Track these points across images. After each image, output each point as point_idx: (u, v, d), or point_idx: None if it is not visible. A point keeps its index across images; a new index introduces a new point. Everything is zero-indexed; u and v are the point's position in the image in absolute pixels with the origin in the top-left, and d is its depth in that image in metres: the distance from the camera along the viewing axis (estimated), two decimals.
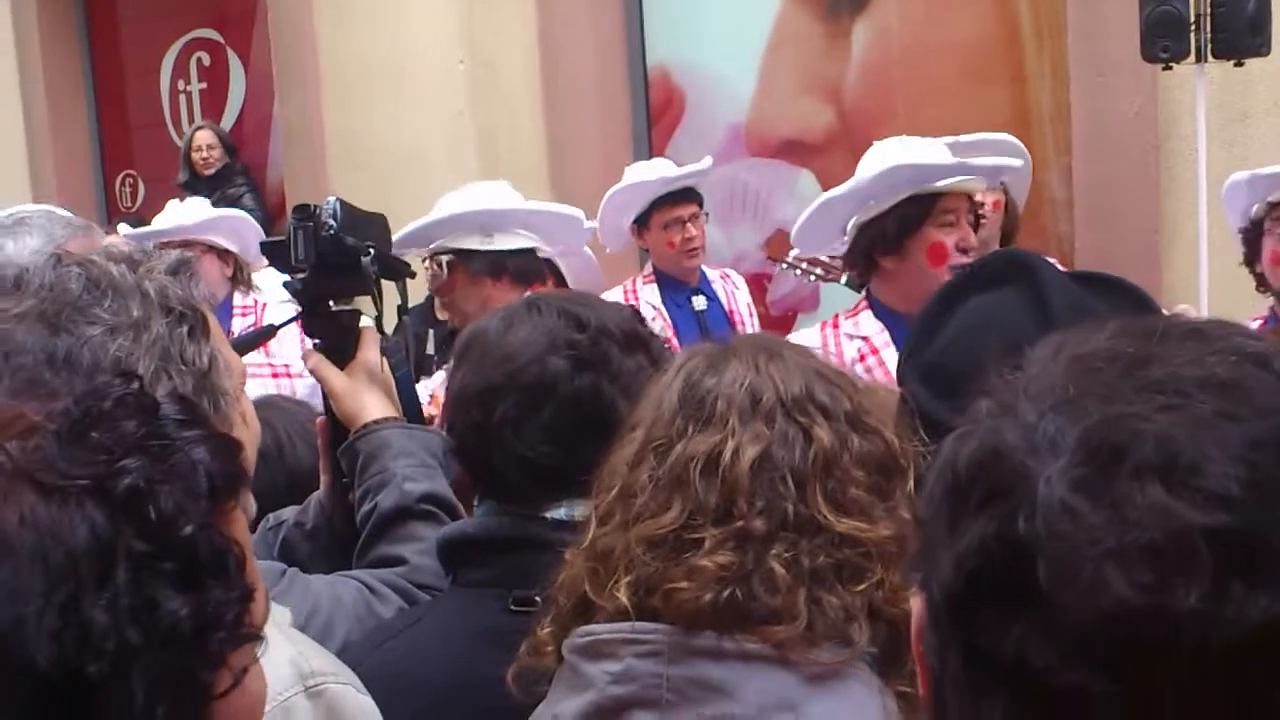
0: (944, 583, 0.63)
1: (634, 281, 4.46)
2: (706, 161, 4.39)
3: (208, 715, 0.77)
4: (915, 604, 0.69)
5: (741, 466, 1.15)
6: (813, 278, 4.30)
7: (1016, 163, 3.28)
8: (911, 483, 1.21)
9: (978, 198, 3.82)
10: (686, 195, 4.27)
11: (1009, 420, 0.64)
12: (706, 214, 4.34)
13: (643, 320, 1.63)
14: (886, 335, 2.83)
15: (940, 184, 2.85)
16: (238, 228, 4.07)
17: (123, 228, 4.75)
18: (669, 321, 4.19)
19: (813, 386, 1.20)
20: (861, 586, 1.14)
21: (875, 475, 1.19)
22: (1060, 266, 1.77)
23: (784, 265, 4.38)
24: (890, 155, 2.99)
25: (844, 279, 4.05)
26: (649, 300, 4.30)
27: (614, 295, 4.39)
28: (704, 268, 4.39)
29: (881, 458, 1.20)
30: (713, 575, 1.13)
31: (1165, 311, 1.55)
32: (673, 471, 1.17)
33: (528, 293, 2.18)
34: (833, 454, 1.17)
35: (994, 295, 1.42)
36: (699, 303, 4.31)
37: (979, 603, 0.61)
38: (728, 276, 4.51)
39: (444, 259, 3.17)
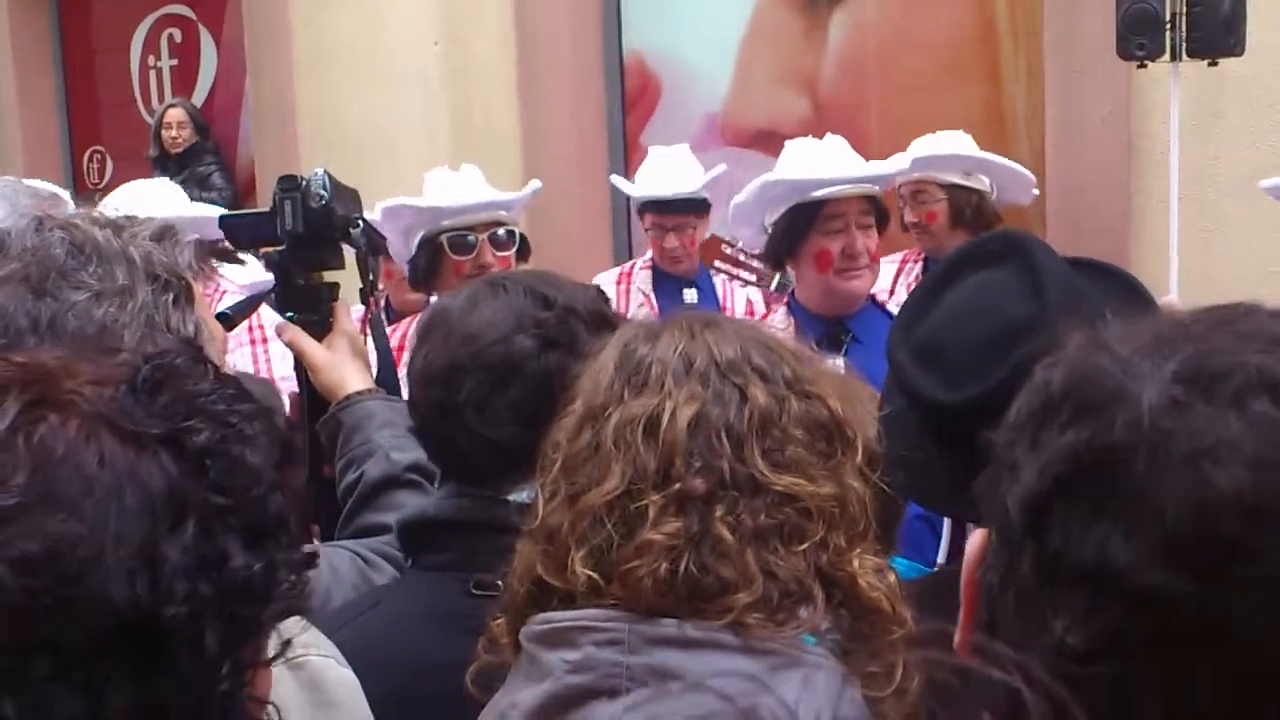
0: (1025, 491, 0.64)
1: (633, 265, 4.46)
2: (717, 169, 4.24)
3: (251, 682, 0.79)
4: (973, 539, 0.71)
5: (679, 426, 1.15)
6: (740, 283, 4.28)
7: (897, 167, 3.28)
8: (861, 455, 1.20)
9: (908, 217, 3.90)
10: (677, 205, 4.21)
11: (1103, 353, 0.66)
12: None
13: (607, 301, 1.62)
14: (792, 329, 2.92)
15: (819, 193, 2.98)
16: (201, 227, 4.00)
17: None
18: (655, 309, 4.18)
19: (749, 350, 1.20)
20: (803, 546, 1.13)
21: (817, 438, 1.18)
22: None
23: (713, 269, 4.36)
24: (782, 161, 3.18)
25: (775, 283, 4.06)
26: (640, 286, 4.30)
27: (610, 276, 4.39)
28: (709, 272, 4.31)
29: (824, 422, 1.19)
30: (663, 547, 1.12)
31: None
32: (612, 437, 1.17)
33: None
34: (769, 413, 1.17)
35: (990, 274, 1.42)
36: (690, 295, 4.26)
37: (1063, 506, 0.63)
38: (729, 293, 4.37)
39: (516, 230, 3.19)
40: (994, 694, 0.62)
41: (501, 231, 3.15)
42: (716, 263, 4.26)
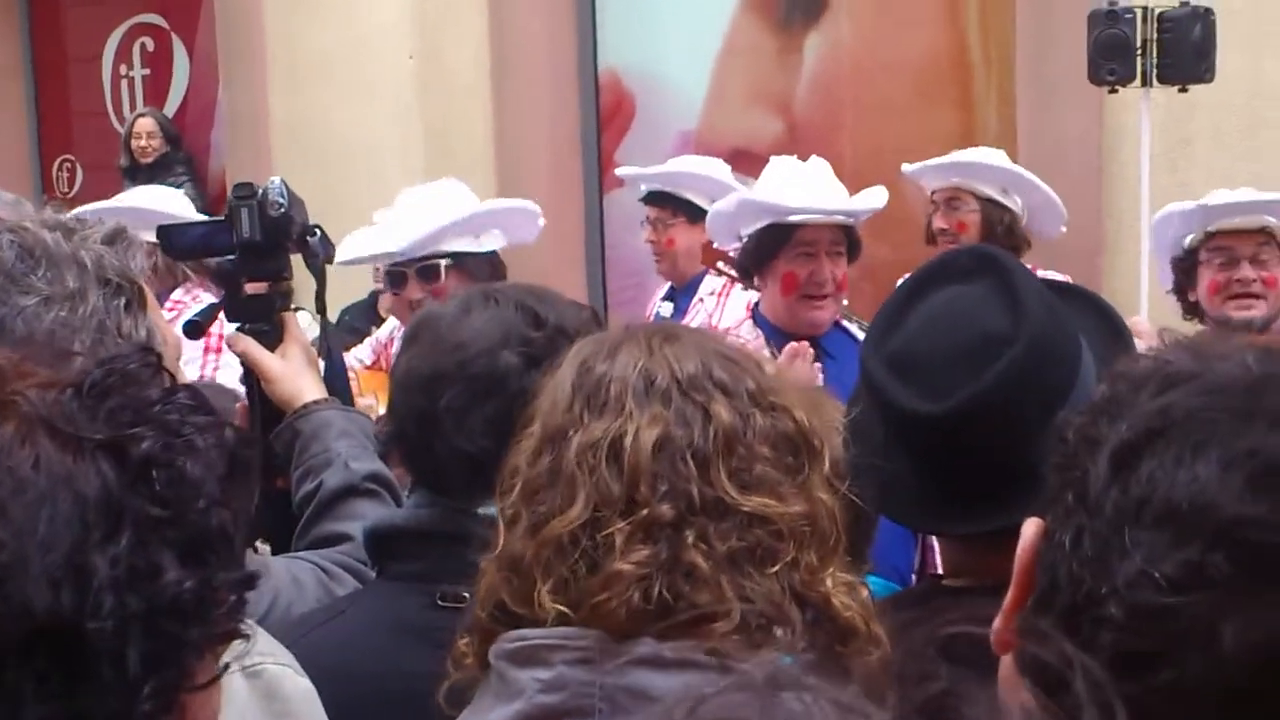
0: (1116, 443, 0.69)
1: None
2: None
3: (182, 706, 0.75)
4: (1027, 527, 0.74)
5: (643, 449, 1.11)
6: (741, 286, 4.26)
7: (876, 205, 3.25)
8: (829, 466, 1.18)
9: (937, 222, 3.86)
10: (653, 197, 4.20)
11: (1174, 350, 0.73)
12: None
13: (600, 323, 1.60)
14: (761, 342, 2.95)
15: (794, 218, 3.00)
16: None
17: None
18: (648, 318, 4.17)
19: (710, 365, 1.17)
20: (776, 568, 1.11)
21: (783, 453, 1.16)
22: None
23: (713, 272, 4.34)
24: (763, 179, 3.20)
25: None
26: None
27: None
28: (709, 275, 4.17)
29: (790, 435, 1.17)
30: (633, 577, 1.09)
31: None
32: (573, 462, 1.13)
33: None
34: (733, 431, 1.14)
35: (962, 289, 1.42)
36: (665, 308, 4.24)
37: (1151, 454, 0.67)
38: (725, 293, 4.10)
39: (442, 263, 3.14)
40: (1038, 667, 0.64)
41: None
42: (719, 263, 4.24)
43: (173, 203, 3.88)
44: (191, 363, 3.36)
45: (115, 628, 0.71)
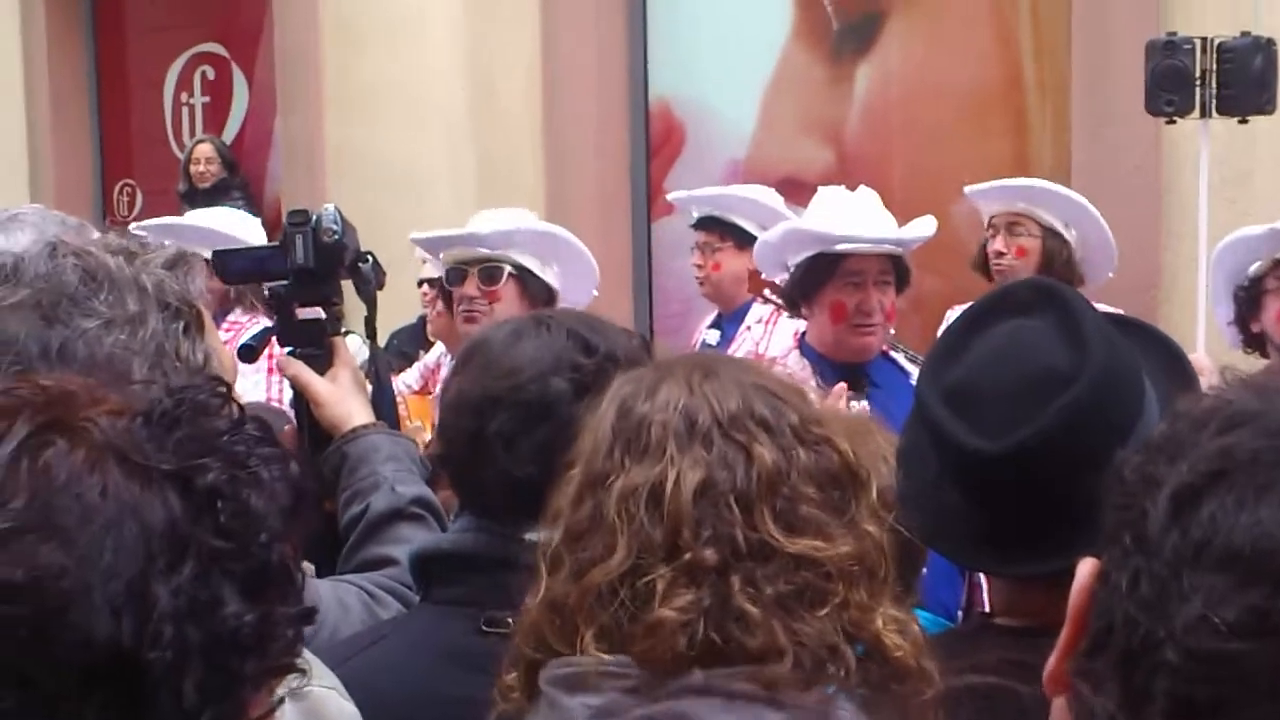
0: (1177, 484, 0.67)
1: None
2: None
3: None
4: (1082, 567, 0.73)
5: (684, 495, 1.10)
6: (788, 315, 4.24)
7: (925, 234, 3.23)
8: (875, 494, 1.17)
9: (996, 245, 3.82)
10: (703, 222, 4.21)
11: (1235, 388, 0.72)
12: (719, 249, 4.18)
13: (650, 351, 1.60)
14: (809, 372, 2.91)
15: (841, 247, 2.98)
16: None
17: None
18: (693, 346, 4.16)
19: (751, 401, 1.15)
20: (824, 611, 1.10)
21: (829, 489, 1.14)
22: None
23: (762, 299, 4.33)
24: (812, 208, 3.19)
25: None
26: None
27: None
28: (756, 303, 4.14)
29: (834, 470, 1.15)
30: (676, 624, 1.08)
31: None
32: (614, 510, 1.12)
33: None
34: (777, 471, 1.12)
35: (1024, 322, 1.38)
36: (711, 336, 4.23)
37: (1212, 496, 0.65)
38: (772, 321, 4.04)
39: (506, 268, 3.17)
40: (1091, 712, 0.64)
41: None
42: (766, 292, 4.22)
43: (242, 227, 3.93)
44: (256, 385, 3.41)
45: (174, 659, 0.71)
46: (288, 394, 3.04)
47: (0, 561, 0.70)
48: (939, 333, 4.51)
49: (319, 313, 1.91)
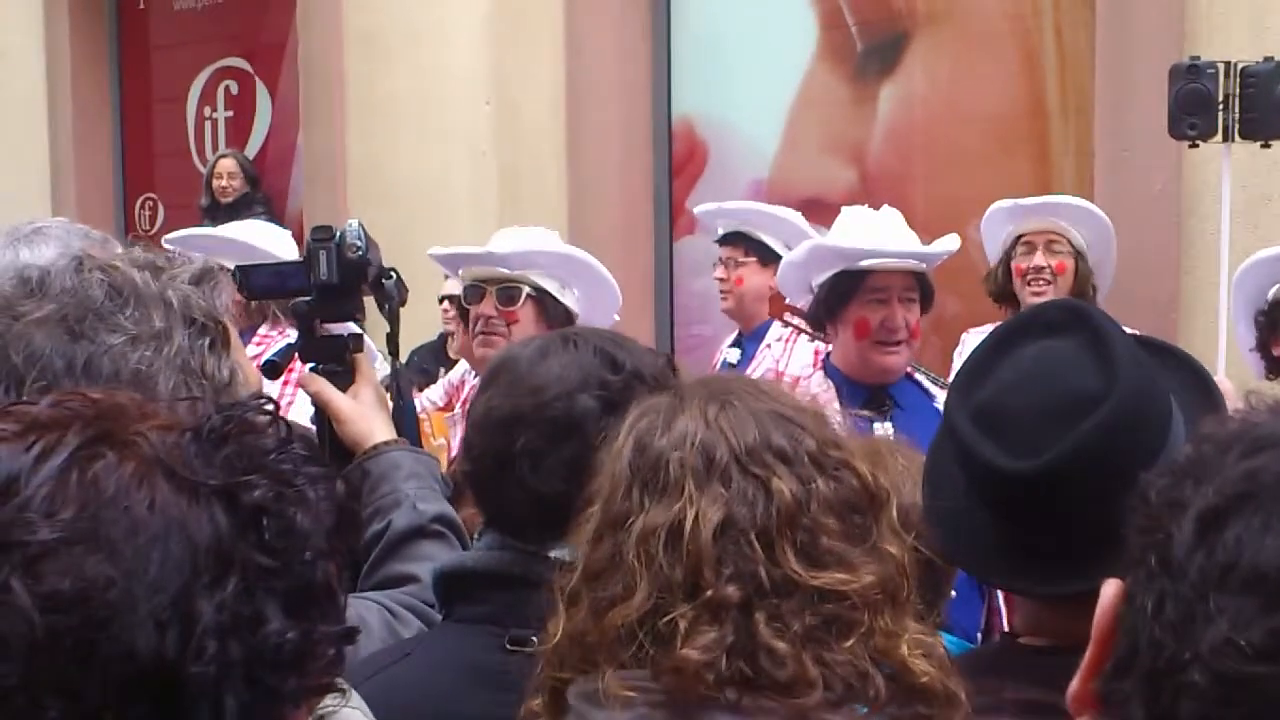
0: (1203, 507, 0.67)
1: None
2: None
3: None
4: (1107, 589, 0.73)
5: (704, 535, 1.10)
6: (808, 336, 4.23)
7: (949, 248, 3.24)
8: (894, 512, 1.17)
9: (1036, 260, 3.82)
10: (728, 237, 4.21)
11: (1270, 414, 0.72)
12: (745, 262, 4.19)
13: (675, 370, 1.60)
14: (832, 393, 2.92)
15: (865, 263, 2.98)
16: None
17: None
18: (714, 366, 4.17)
19: (768, 432, 1.15)
20: (851, 641, 1.10)
21: (849, 517, 1.14)
22: None
23: (782, 323, 4.32)
24: (836, 227, 3.19)
25: None
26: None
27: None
28: (777, 323, 4.13)
29: (853, 496, 1.15)
30: (699, 664, 1.08)
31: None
32: (633, 550, 1.12)
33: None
34: (797, 505, 1.12)
35: (1051, 343, 1.39)
36: (731, 355, 4.23)
37: (1238, 519, 0.65)
38: (791, 339, 4.01)
39: (524, 289, 3.18)
40: None
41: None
42: (786, 315, 4.22)
43: (275, 240, 3.93)
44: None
45: (216, 674, 0.71)
46: (296, 409, 3.04)
47: (48, 572, 0.70)
48: (954, 355, 4.50)
49: (350, 327, 1.91)
